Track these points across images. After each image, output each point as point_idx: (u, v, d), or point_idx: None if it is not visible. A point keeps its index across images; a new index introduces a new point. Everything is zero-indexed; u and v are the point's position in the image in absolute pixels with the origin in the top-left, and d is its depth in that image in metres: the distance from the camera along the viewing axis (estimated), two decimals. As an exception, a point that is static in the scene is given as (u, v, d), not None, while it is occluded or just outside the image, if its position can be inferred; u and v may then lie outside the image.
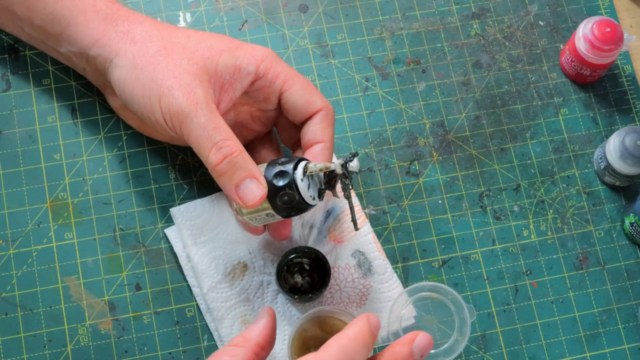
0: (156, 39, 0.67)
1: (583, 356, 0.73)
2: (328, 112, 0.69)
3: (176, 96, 0.63)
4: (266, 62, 0.68)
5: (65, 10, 0.69)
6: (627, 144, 0.73)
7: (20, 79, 0.76)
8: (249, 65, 0.67)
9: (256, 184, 0.63)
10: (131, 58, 0.66)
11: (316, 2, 0.82)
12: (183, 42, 0.67)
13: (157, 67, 0.65)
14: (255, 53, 0.68)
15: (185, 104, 0.63)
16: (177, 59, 0.65)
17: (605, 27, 0.76)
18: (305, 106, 0.68)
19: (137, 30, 0.68)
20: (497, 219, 0.76)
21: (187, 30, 0.69)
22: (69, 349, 0.70)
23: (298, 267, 0.72)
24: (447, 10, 0.83)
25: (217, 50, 0.67)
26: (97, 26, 0.68)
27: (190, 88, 0.64)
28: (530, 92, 0.81)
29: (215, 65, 0.66)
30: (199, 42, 0.67)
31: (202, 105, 0.63)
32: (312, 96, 0.69)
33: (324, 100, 0.69)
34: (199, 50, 0.66)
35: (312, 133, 0.68)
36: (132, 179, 0.75)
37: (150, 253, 0.73)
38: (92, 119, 0.76)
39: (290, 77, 0.69)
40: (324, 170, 0.64)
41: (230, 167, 0.63)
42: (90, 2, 0.69)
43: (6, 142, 0.74)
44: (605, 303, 0.75)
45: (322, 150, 0.68)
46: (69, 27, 0.69)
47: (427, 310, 0.72)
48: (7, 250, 0.72)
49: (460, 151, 0.78)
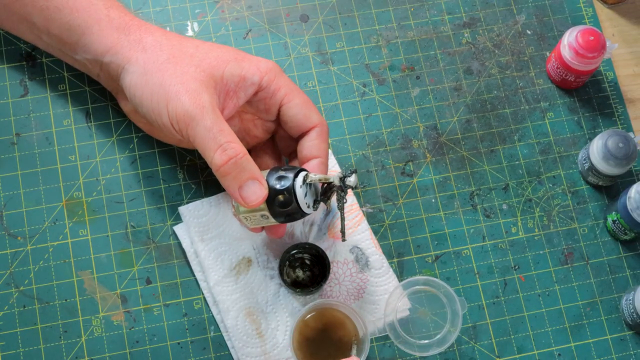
0: (166, 48, 0.68)
1: (568, 346, 0.74)
2: (323, 129, 0.69)
3: (183, 101, 0.64)
4: (270, 75, 0.68)
5: (81, 20, 0.69)
6: (609, 146, 0.74)
7: (37, 85, 0.77)
8: (253, 75, 0.67)
9: (258, 186, 0.64)
10: (142, 65, 0.67)
11: (316, 12, 0.82)
12: (191, 52, 0.67)
13: (166, 74, 0.66)
14: (260, 65, 0.68)
15: (192, 108, 0.63)
16: (185, 66, 0.66)
17: (589, 36, 0.76)
18: (303, 120, 0.69)
19: (148, 39, 0.68)
20: (487, 217, 0.77)
21: (196, 41, 0.69)
22: (84, 340, 0.70)
23: (299, 262, 0.73)
24: (440, 20, 0.83)
25: (223, 60, 0.67)
26: (111, 34, 0.69)
27: (197, 93, 0.64)
28: (518, 97, 0.81)
29: (221, 74, 0.66)
30: (207, 52, 0.67)
31: (208, 109, 0.64)
32: (309, 111, 0.69)
33: (320, 116, 0.70)
34: (207, 59, 0.67)
35: (309, 149, 0.69)
36: (143, 179, 0.75)
37: (160, 249, 0.73)
38: (105, 122, 0.76)
39: (291, 91, 0.69)
40: (323, 181, 0.65)
41: (234, 169, 0.64)
42: (104, 12, 0.69)
43: (24, 145, 0.75)
44: (589, 296, 0.75)
45: (318, 165, 0.68)
46: (84, 36, 0.69)
47: (421, 302, 0.72)
48: (25, 246, 0.72)
49: (452, 153, 0.79)
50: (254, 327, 0.71)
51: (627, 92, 0.83)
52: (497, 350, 0.73)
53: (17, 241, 0.73)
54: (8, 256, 0.72)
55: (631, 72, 0.83)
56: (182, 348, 0.71)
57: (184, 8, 0.81)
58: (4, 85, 0.77)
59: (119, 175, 0.75)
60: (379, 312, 0.72)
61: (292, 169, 0.65)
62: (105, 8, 0.70)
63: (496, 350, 0.73)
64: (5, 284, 0.71)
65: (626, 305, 0.74)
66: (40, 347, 0.70)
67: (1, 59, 0.78)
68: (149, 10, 0.81)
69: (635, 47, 0.84)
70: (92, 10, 0.70)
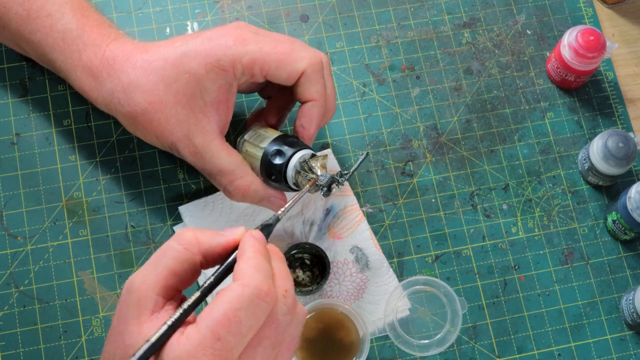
0: (138, 95, 0.65)
1: (568, 346, 0.74)
2: (313, 68, 0.65)
3: (183, 153, 0.66)
4: (237, 66, 0.64)
5: (61, 61, 0.68)
6: (609, 145, 0.74)
7: (37, 85, 0.77)
8: (226, 78, 0.65)
9: (275, 200, 0.68)
10: (127, 120, 0.67)
11: (316, 12, 0.82)
12: (162, 89, 0.64)
13: (153, 126, 0.66)
14: (224, 63, 0.64)
15: (191, 158, 0.66)
16: (166, 110, 0.65)
17: (589, 36, 0.76)
18: (287, 79, 0.66)
19: (118, 89, 0.66)
20: (487, 217, 0.77)
21: (159, 63, 0.65)
22: (84, 339, 0.70)
23: (299, 262, 0.73)
24: (440, 20, 0.83)
25: (195, 85, 0.64)
26: (90, 84, 0.68)
27: (189, 140, 0.65)
28: (518, 97, 0.81)
29: (202, 101, 0.65)
30: (177, 80, 0.64)
31: (202, 153, 0.65)
32: (289, 66, 0.65)
33: (305, 58, 0.65)
34: (182, 92, 0.64)
35: (300, 94, 0.66)
36: (143, 179, 0.75)
37: None
38: (105, 122, 0.76)
39: (263, 59, 0.64)
40: (313, 179, 0.65)
41: (246, 199, 0.67)
42: (76, 55, 0.68)
43: (24, 145, 0.75)
44: (589, 296, 0.75)
45: (310, 108, 0.66)
46: (70, 79, 0.69)
47: (421, 302, 0.73)
48: (25, 246, 0.72)
49: (452, 153, 0.79)
50: (254, 327, 0.71)
51: (627, 92, 0.83)
52: (497, 350, 0.74)
53: (17, 241, 0.73)
54: (8, 256, 0.72)
55: (631, 72, 0.83)
56: (182, 348, 0.71)
57: (184, 8, 0.81)
58: (4, 85, 0.77)
59: (119, 176, 0.76)
60: (379, 312, 0.72)
61: (294, 145, 0.66)
62: (78, 51, 0.68)
63: (496, 350, 0.73)
64: (5, 284, 0.72)
65: (626, 305, 0.74)
66: (40, 347, 0.70)
67: (1, 59, 0.78)
68: (149, 10, 0.81)
69: (635, 47, 0.84)
70: (68, 52, 0.68)
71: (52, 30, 0.68)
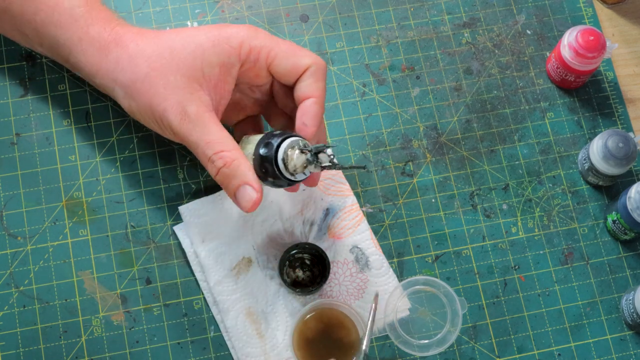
0: (142, 62, 0.67)
1: (568, 346, 0.74)
2: (318, 67, 0.68)
3: (171, 120, 0.65)
4: (245, 47, 0.67)
5: (66, 37, 0.69)
6: (609, 145, 0.74)
7: (37, 85, 0.77)
8: (230, 57, 0.67)
9: (250, 190, 0.65)
10: (126, 88, 0.67)
11: (316, 12, 0.82)
12: (167, 55, 0.67)
13: (150, 92, 0.66)
14: (232, 41, 0.67)
15: (178, 126, 0.65)
16: (166, 76, 0.66)
17: (589, 36, 0.76)
18: (292, 69, 0.67)
19: (124, 57, 0.67)
20: (487, 217, 0.77)
21: (170, 36, 0.68)
22: (84, 339, 0.71)
23: (299, 262, 0.73)
24: (440, 20, 0.83)
25: (199, 54, 0.66)
26: (94, 56, 0.68)
27: (181, 107, 0.65)
28: (518, 97, 0.81)
29: (201, 71, 0.66)
30: (183, 50, 0.67)
31: (194, 122, 0.65)
32: (296, 58, 0.68)
33: (311, 56, 0.68)
34: (185, 59, 0.66)
35: (301, 90, 0.67)
36: (143, 179, 0.75)
37: (159, 249, 0.73)
38: (105, 122, 0.77)
39: (271, 47, 0.68)
40: (304, 163, 0.64)
41: (225, 178, 0.65)
42: (84, 29, 0.68)
43: (24, 145, 0.75)
44: (589, 296, 0.75)
45: (311, 105, 0.67)
46: (72, 55, 0.69)
47: (421, 302, 0.73)
48: (25, 246, 0.72)
49: (452, 153, 0.79)
50: (254, 327, 0.71)
51: (627, 92, 0.83)
52: (497, 350, 0.74)
53: (17, 241, 0.73)
54: (8, 256, 0.72)
55: (631, 72, 0.84)
56: (182, 348, 0.71)
57: (184, 8, 0.81)
58: (4, 85, 0.77)
59: (119, 175, 0.76)
60: (379, 312, 0.72)
61: (281, 135, 0.65)
62: (86, 25, 0.69)
63: (496, 350, 0.74)
64: (5, 284, 0.72)
65: (626, 305, 0.74)
66: (40, 347, 0.70)
67: (1, 59, 0.78)
68: (149, 10, 0.81)
69: (635, 47, 0.85)
70: (74, 27, 0.69)
71: (57, 7, 0.69)
